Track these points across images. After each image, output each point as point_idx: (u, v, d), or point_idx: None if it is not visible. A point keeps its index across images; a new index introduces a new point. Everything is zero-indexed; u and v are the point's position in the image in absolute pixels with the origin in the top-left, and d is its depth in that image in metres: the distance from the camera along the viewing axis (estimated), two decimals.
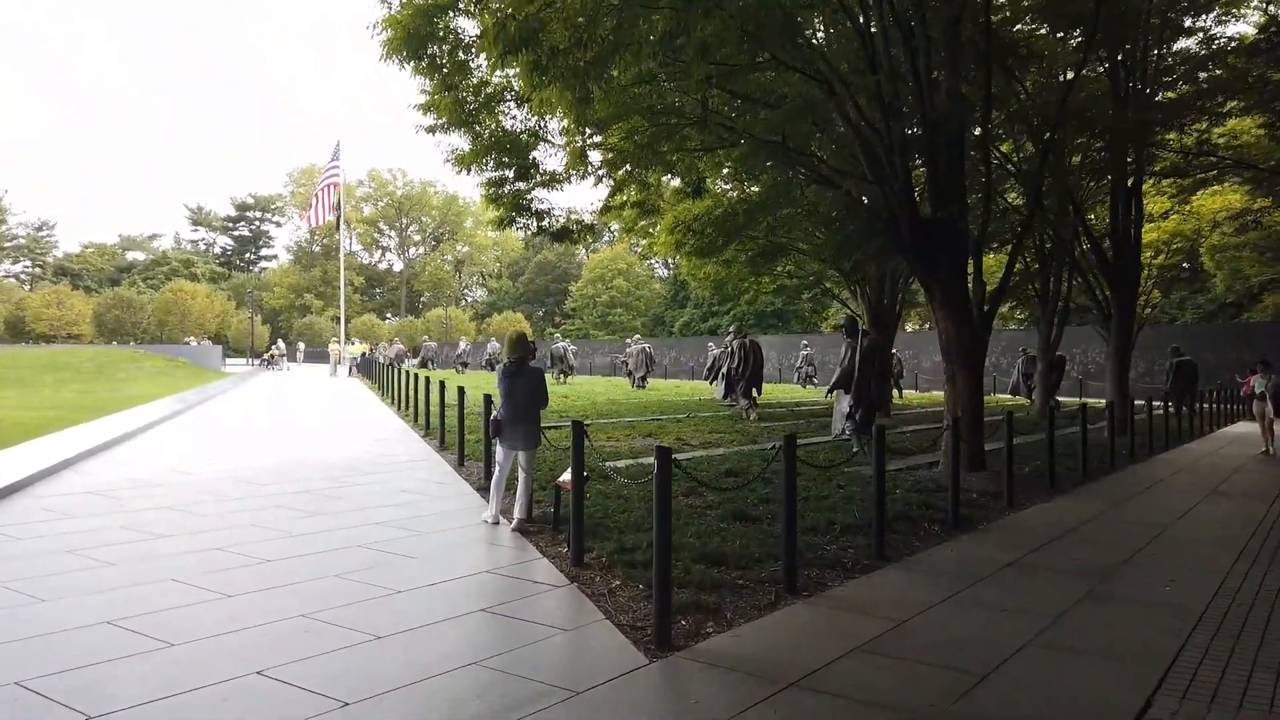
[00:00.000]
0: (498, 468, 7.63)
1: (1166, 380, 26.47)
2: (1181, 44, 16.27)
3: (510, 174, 12.68)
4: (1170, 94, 15.96)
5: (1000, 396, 32.25)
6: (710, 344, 44.73)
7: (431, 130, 11.72)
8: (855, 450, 13.54)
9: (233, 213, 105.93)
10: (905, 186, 10.14)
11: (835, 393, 14.08)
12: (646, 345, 33.42)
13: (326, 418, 18.82)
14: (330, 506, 8.22)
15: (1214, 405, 24.86)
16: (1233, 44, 15.82)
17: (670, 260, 47.39)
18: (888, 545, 6.82)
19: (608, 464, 11.27)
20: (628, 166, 11.89)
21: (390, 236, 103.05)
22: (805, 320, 61.60)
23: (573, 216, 14.07)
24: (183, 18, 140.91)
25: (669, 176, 13.31)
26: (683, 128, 8.77)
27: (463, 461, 11.20)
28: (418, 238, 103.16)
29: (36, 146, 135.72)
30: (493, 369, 46.61)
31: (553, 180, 12.73)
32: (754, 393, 20.77)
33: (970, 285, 10.68)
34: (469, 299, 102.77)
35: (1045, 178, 10.99)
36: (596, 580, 5.82)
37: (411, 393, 18.79)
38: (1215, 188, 25.91)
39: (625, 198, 14.01)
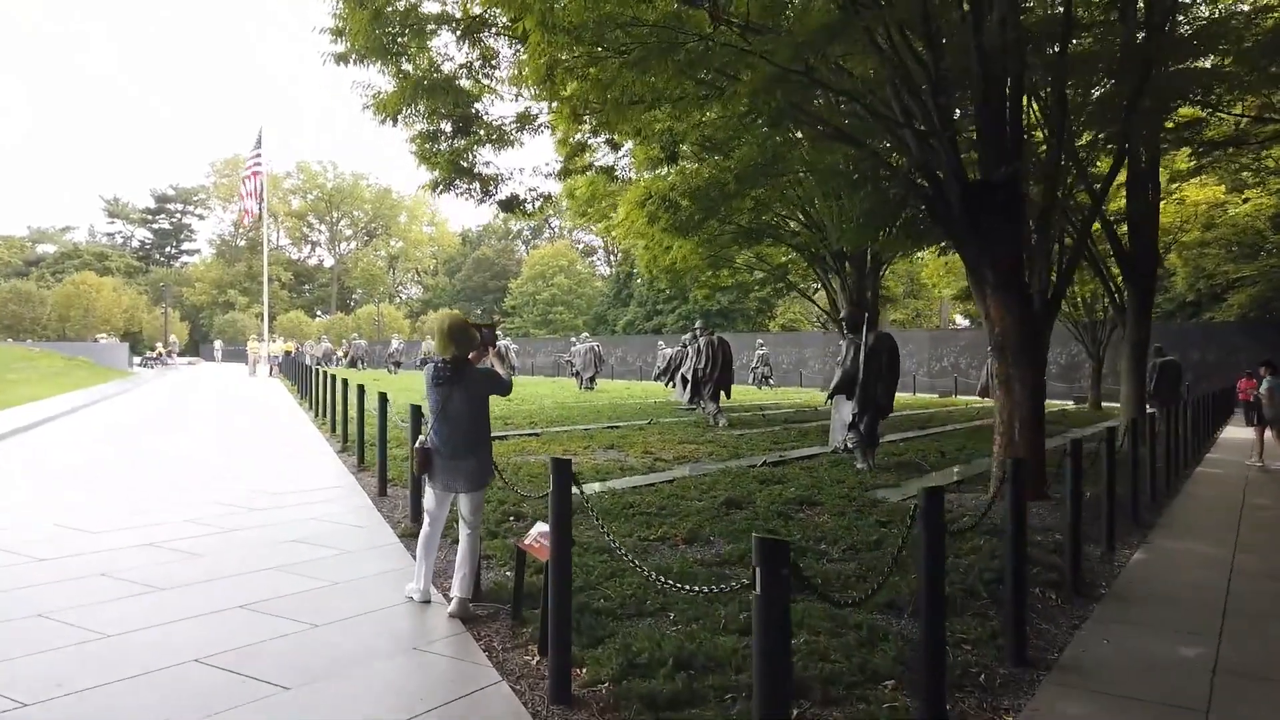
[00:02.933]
0: (427, 519, 5.17)
1: (1150, 382, 25.12)
2: None
3: (447, 127, 10.17)
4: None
5: (967, 398, 30.70)
6: (660, 343, 42.53)
7: (343, 60, 9.12)
8: (860, 466, 11.39)
9: (152, 204, 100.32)
10: (952, 139, 7.95)
11: (835, 399, 11.88)
12: (595, 344, 31.05)
13: (226, 428, 16.03)
14: (183, 573, 5.66)
15: (1199, 409, 23.24)
16: None
17: (623, 247, 45.18)
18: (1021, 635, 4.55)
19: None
20: (592, 119, 9.50)
21: (320, 231, 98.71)
22: (751, 319, 59.77)
23: (525, 184, 11.55)
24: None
25: (638, 139, 10.95)
26: (679, 48, 6.47)
27: (384, 490, 8.69)
28: (349, 232, 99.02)
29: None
30: None
31: (500, 138, 10.25)
32: (722, 396, 18.58)
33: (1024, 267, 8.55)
34: (403, 296, 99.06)
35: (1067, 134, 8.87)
36: None
37: (331, 398, 16.13)
38: (1201, 179, 24.63)
39: (589, 160, 11.57)
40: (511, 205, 11.62)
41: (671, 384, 26.55)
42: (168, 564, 5.83)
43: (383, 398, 8.74)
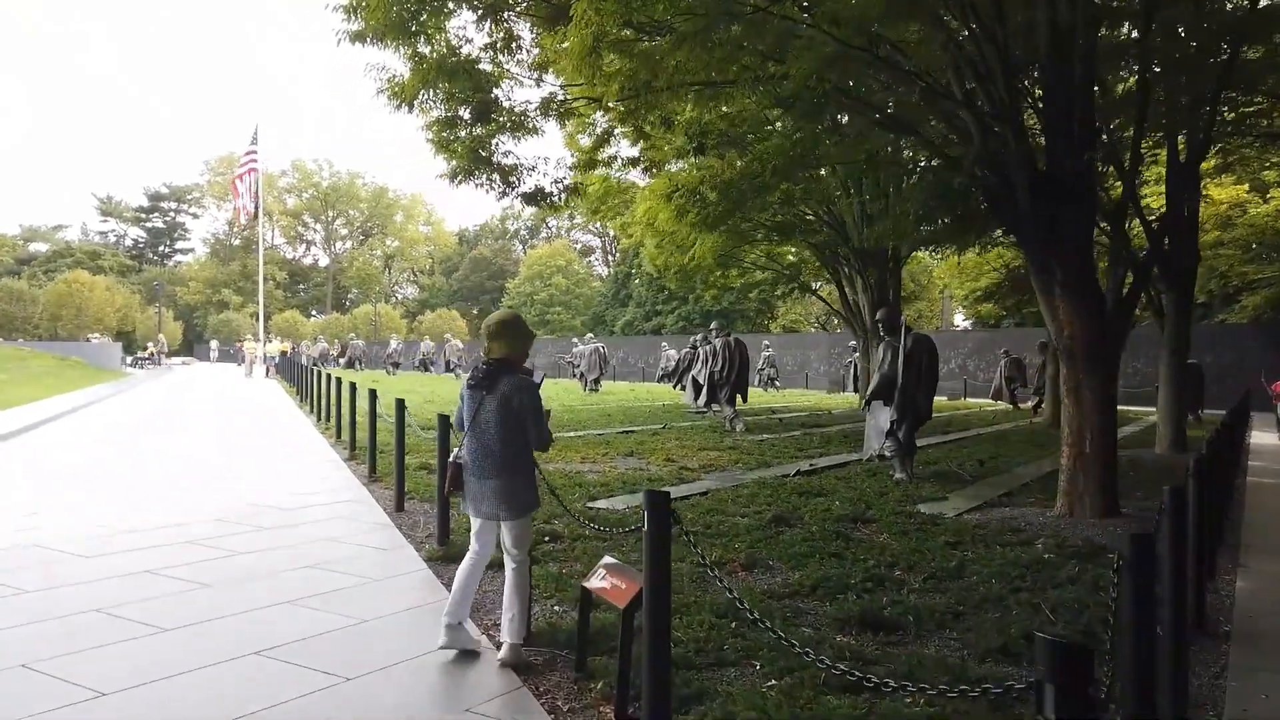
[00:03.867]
0: (473, 547, 4.53)
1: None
2: None
3: (465, 114, 9.49)
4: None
5: (978, 400, 30.10)
6: (664, 344, 41.89)
7: (359, 39, 8.43)
8: (898, 476, 10.75)
9: (145, 203, 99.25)
10: (1021, 126, 7.32)
11: (872, 405, 11.24)
12: (600, 345, 30.35)
13: (225, 434, 15.33)
14: (185, 609, 4.98)
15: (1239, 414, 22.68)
16: None
17: (623, 247, 44.69)
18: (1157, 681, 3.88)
19: (599, 504, 8.21)
20: (620, 105, 8.82)
21: (315, 230, 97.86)
22: (751, 320, 59.13)
23: (550, 175, 10.82)
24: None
25: (664, 129, 10.27)
26: (738, 19, 5.82)
27: (401, 504, 8.02)
28: (345, 231, 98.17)
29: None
30: (426, 370, 42.96)
31: (520, 125, 9.55)
32: (738, 399, 17.92)
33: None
34: (399, 296, 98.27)
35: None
36: None
37: (334, 401, 15.44)
38: (1222, 178, 24.06)
39: (613, 151, 10.88)
40: (536, 198, 10.93)
41: (681, 387, 25.92)
42: (167, 597, 5.15)
43: (400, 404, 8.07)
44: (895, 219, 8.48)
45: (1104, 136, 8.30)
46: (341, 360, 48.16)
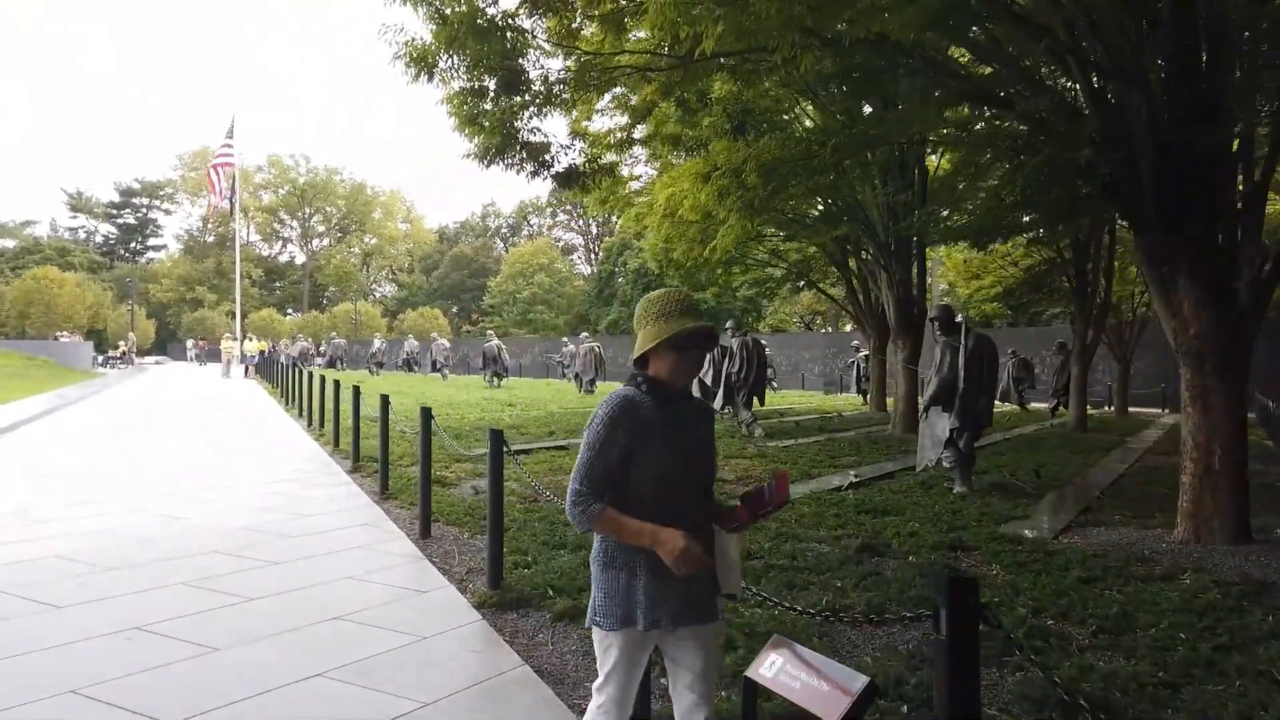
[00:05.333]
0: (610, 688, 2.53)
1: None
2: None
3: (491, 84, 8.38)
4: None
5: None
6: None
7: None
8: (958, 490, 9.81)
9: (116, 198, 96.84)
10: (1149, 92, 6.35)
11: (930, 411, 10.26)
12: (596, 345, 29.27)
13: (212, 443, 14.14)
14: (187, 684, 3.89)
15: None
16: None
17: (609, 244, 43.87)
18: None
19: None
20: (662, 77, 7.78)
21: (292, 227, 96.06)
22: (739, 320, 58.23)
23: (591, 152, 9.66)
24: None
25: (703, 101, 9.23)
26: None
27: (427, 530, 6.93)
28: (322, 228, 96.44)
29: None
30: (410, 369, 41.66)
31: (550, 99, 8.42)
32: (755, 402, 16.93)
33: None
34: (378, 294, 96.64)
35: None
36: None
37: (328, 403, 14.28)
38: None
39: (655, 125, 9.79)
40: (571, 179, 9.82)
41: None
42: (162, 669, 4.05)
43: (425, 413, 6.96)
44: (983, 206, 7.44)
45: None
46: (322, 359, 46.78)
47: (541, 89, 8.27)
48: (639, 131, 10.09)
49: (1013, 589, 5.41)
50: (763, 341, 17.09)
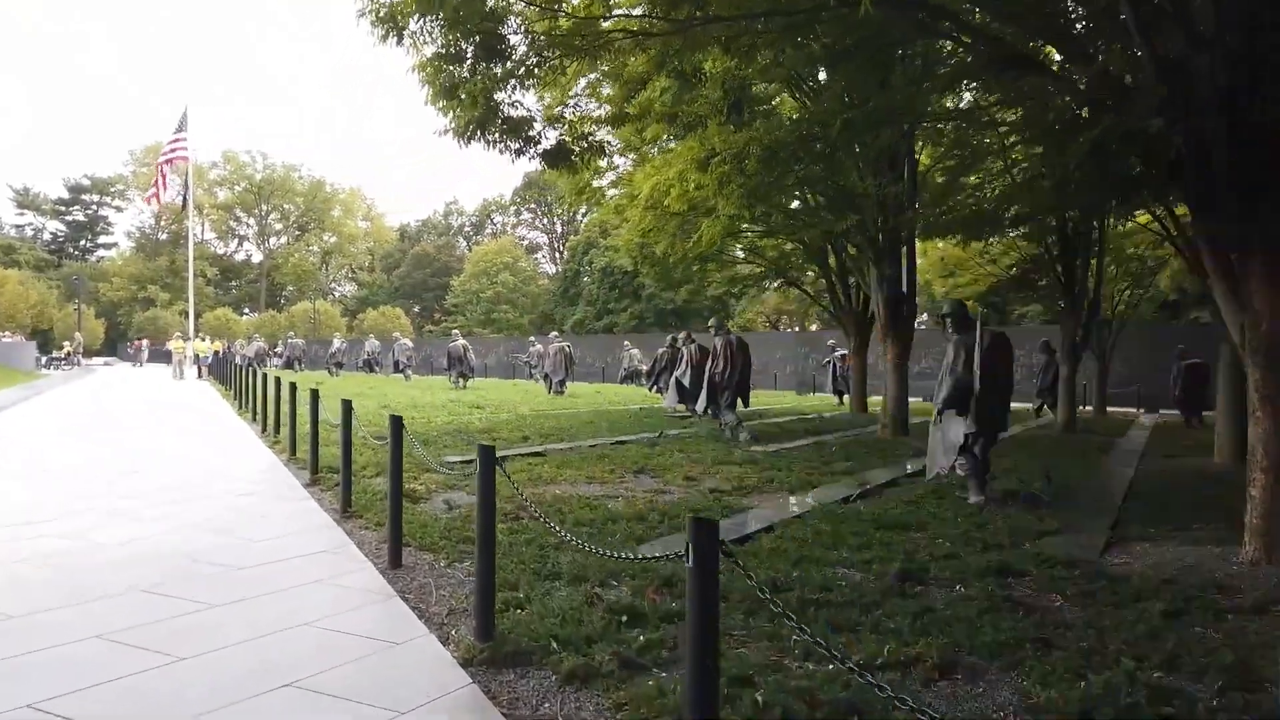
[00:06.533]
0: None
1: (1174, 386, 23.34)
2: None
3: (469, 49, 7.39)
4: None
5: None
6: (626, 342, 40.00)
7: None
8: (974, 500, 9.04)
9: (65, 195, 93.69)
10: (1229, 56, 5.58)
11: (943, 415, 9.47)
12: (566, 345, 28.29)
13: (151, 449, 13.01)
14: None
15: None
16: None
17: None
18: None
19: (651, 549, 6.19)
20: (658, 45, 6.90)
21: (248, 224, 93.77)
22: (705, 319, 57.55)
23: (580, 128, 8.72)
24: None
25: (698, 76, 8.38)
26: None
27: (398, 559, 5.97)
28: (279, 226, 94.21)
29: None
30: (372, 370, 40.33)
31: (535, 70, 7.43)
32: (739, 404, 16.10)
33: None
34: (338, 293, 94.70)
35: None
36: None
37: (284, 407, 13.21)
38: None
39: (651, 94, 8.85)
40: (559, 157, 8.83)
41: (657, 388, 24.06)
42: None
43: (396, 422, 5.99)
44: (1002, 189, 6.64)
45: None
46: (279, 360, 45.29)
47: (528, 53, 7.31)
48: (632, 109, 9.20)
49: (1094, 629, 4.60)
50: (746, 341, 16.23)
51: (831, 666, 3.93)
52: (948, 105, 12.25)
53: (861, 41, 7.30)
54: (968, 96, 13.33)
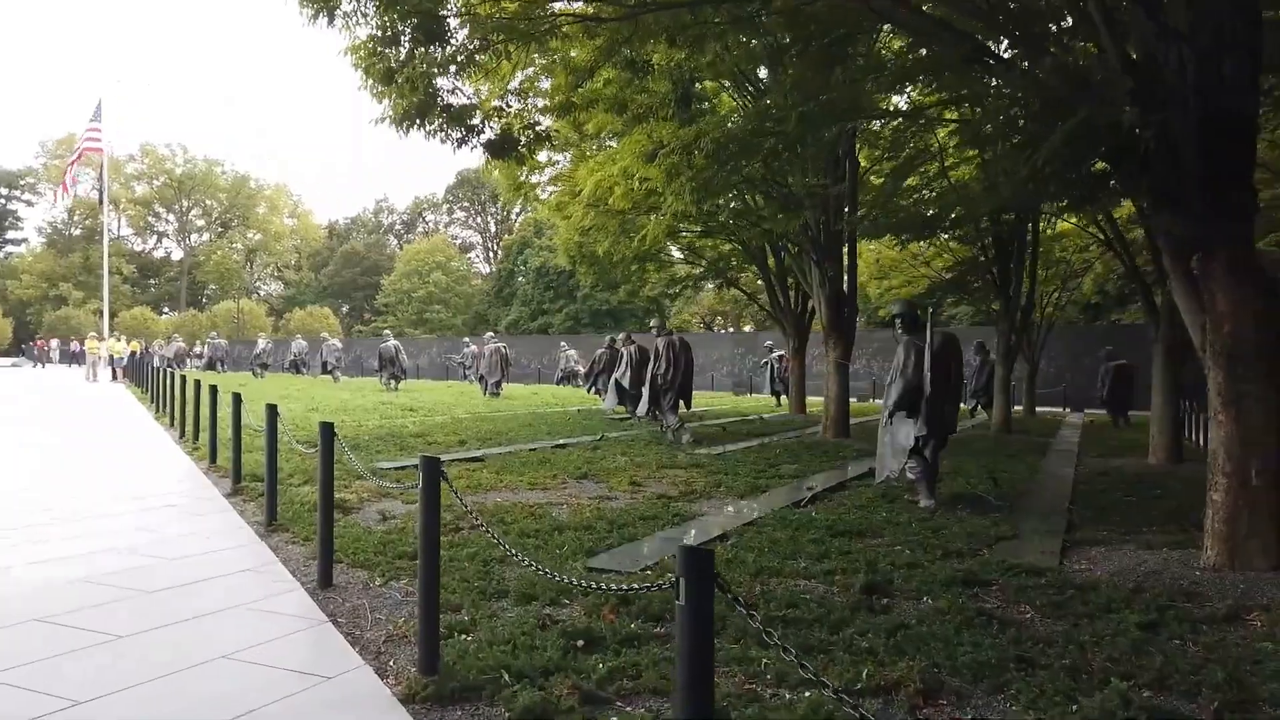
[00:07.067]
0: None
1: (1101, 387, 23.81)
2: None
3: (406, 31, 6.90)
4: None
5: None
6: (563, 342, 39.53)
7: None
8: (925, 504, 8.92)
9: None
10: (1193, 46, 5.47)
11: (893, 417, 9.31)
12: (502, 345, 27.72)
13: (59, 457, 12.20)
14: None
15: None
16: None
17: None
18: None
19: (599, 562, 5.80)
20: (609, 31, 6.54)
21: (168, 220, 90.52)
22: (640, 320, 57.35)
23: (527, 116, 8.26)
24: None
25: (645, 68, 8.04)
26: None
27: (329, 577, 5.49)
28: (201, 222, 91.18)
29: None
30: (299, 371, 39.16)
31: (479, 51, 6.95)
32: (681, 406, 15.84)
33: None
34: (263, 292, 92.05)
35: None
36: None
37: (202, 411, 12.50)
38: None
39: (598, 83, 8.42)
40: (503, 147, 8.33)
41: (596, 390, 23.70)
42: None
43: (326, 430, 5.52)
44: (1011, 181, 6.43)
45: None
46: (198, 361, 43.70)
47: (470, 37, 6.85)
48: (578, 99, 8.79)
49: (1074, 645, 4.38)
50: (689, 342, 15.97)
51: (810, 694, 3.63)
52: (894, 104, 12.12)
53: (811, 35, 7.06)
54: (913, 95, 13.28)
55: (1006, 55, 6.45)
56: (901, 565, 6.06)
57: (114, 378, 35.60)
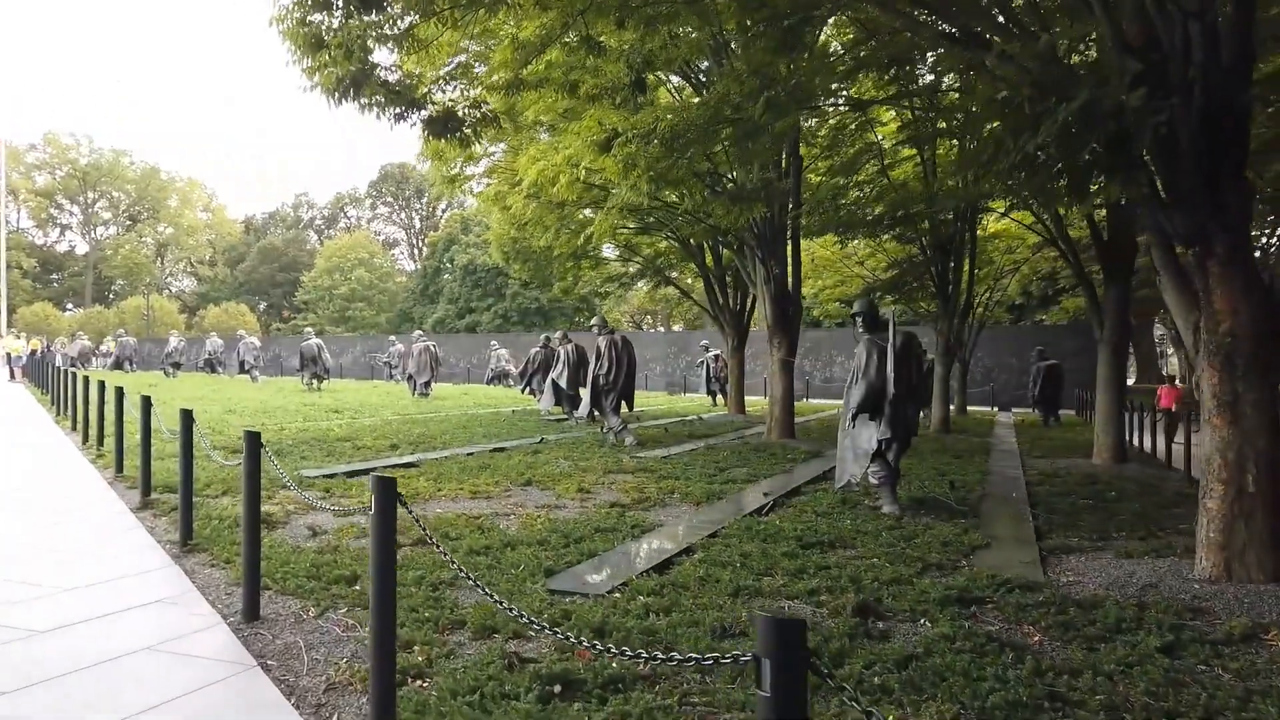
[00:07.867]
0: None
1: (1033, 386, 24.08)
2: None
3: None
4: None
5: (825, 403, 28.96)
6: (494, 341, 38.66)
7: None
8: (888, 509, 8.57)
9: None
10: (1214, 28, 5.16)
11: (857, 420, 8.92)
12: (431, 344, 26.76)
13: None
14: None
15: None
16: None
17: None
18: None
19: (561, 584, 5.21)
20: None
21: (72, 213, 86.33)
22: (570, 319, 56.67)
23: (468, 95, 7.58)
24: None
25: (597, 47, 7.48)
26: None
27: (255, 611, 4.79)
28: (108, 215, 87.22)
29: None
30: (213, 370, 37.47)
31: (422, 19, 6.28)
32: (624, 407, 15.30)
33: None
34: (174, 288, 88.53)
35: None
36: None
37: (108, 414, 11.47)
38: None
39: (542, 65, 7.79)
40: (446, 126, 7.60)
41: (530, 390, 22.99)
42: None
43: (252, 439, 4.81)
44: (1000, 170, 6.06)
45: None
46: (105, 360, 41.51)
47: (411, 4, 6.16)
48: (528, 75, 8.15)
49: (1101, 674, 3.98)
50: (631, 341, 15.43)
51: None
52: (847, 95, 11.77)
53: (769, 18, 6.59)
54: (858, 90, 13.00)
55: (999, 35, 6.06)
56: (886, 581, 5.63)
57: (12, 378, 33.51)
